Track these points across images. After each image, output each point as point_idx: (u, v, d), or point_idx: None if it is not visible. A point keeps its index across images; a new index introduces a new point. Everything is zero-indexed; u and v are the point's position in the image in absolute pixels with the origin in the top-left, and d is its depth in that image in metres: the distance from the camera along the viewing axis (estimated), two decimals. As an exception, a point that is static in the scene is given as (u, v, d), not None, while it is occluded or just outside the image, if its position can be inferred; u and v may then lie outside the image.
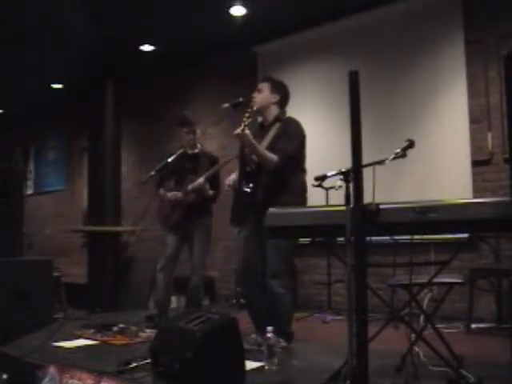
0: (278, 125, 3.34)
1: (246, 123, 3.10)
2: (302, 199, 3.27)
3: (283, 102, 3.44)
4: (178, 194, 4.13)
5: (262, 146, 3.24)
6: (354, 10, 5.38)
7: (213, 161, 4.24)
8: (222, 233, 6.44)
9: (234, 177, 3.43)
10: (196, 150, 4.27)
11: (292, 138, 3.24)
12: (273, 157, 3.15)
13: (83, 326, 3.80)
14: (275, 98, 3.40)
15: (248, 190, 3.22)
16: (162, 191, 4.27)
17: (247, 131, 3.09)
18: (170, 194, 4.18)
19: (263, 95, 3.39)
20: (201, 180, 4.01)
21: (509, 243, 4.17)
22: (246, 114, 3.17)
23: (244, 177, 3.30)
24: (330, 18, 5.57)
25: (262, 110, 3.41)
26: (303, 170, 3.35)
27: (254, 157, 3.24)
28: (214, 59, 6.74)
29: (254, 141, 3.14)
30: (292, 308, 3.31)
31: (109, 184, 6.89)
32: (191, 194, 4.08)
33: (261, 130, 3.45)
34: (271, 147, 3.22)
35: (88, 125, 7.24)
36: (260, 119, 3.50)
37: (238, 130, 3.08)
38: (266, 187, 3.20)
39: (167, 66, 7.13)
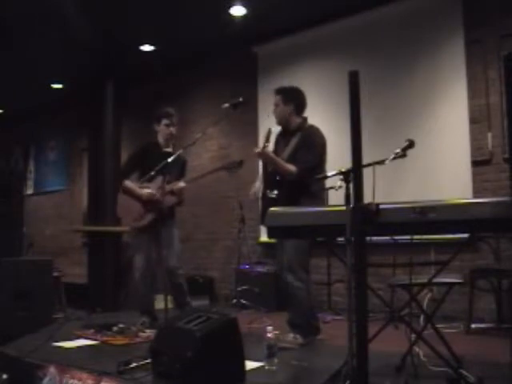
0: (299, 134, 3.45)
1: (267, 143, 3.34)
2: (319, 201, 3.40)
3: (299, 108, 3.54)
4: (151, 191, 3.87)
5: (285, 154, 3.40)
6: (353, 10, 5.38)
7: (183, 163, 4.09)
8: (222, 233, 6.46)
9: (258, 184, 3.60)
10: (169, 149, 4.06)
11: (312, 149, 3.38)
12: (292, 169, 3.30)
13: (83, 326, 3.80)
14: (290, 107, 3.50)
15: (273, 196, 3.36)
16: (129, 184, 3.98)
17: (266, 148, 3.33)
18: (144, 191, 3.89)
19: (279, 109, 3.53)
20: (182, 184, 3.81)
21: (509, 243, 4.17)
22: (265, 138, 3.38)
23: (268, 184, 3.45)
24: (330, 17, 5.57)
25: (283, 123, 3.55)
26: (323, 172, 3.38)
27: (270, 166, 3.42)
28: (214, 59, 6.74)
29: (273, 156, 3.35)
30: (307, 302, 3.34)
31: (109, 184, 6.88)
32: (170, 195, 3.83)
33: (283, 137, 3.57)
34: (292, 157, 3.36)
35: (88, 125, 7.23)
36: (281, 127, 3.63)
37: (259, 150, 3.33)
38: (288, 193, 3.31)
39: (167, 66, 7.13)
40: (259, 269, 5.51)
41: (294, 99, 3.52)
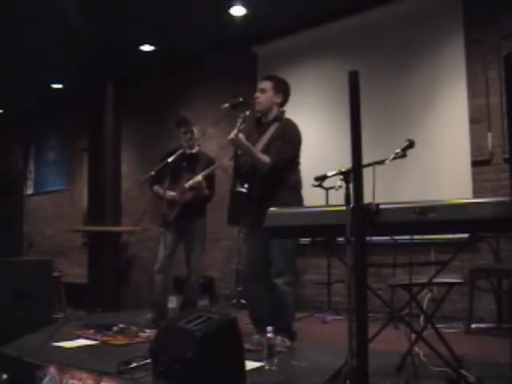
0: (276, 124, 3.33)
1: (241, 128, 3.12)
2: (297, 195, 3.30)
3: (285, 101, 3.43)
4: (174, 193, 4.11)
5: (261, 144, 3.26)
6: (353, 10, 5.38)
7: (210, 162, 4.25)
8: (222, 233, 6.45)
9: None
10: (194, 151, 4.29)
11: (289, 141, 3.25)
12: (266, 160, 3.16)
13: (83, 326, 3.80)
14: (279, 98, 3.38)
15: (243, 190, 3.25)
16: (156, 188, 4.23)
17: (240, 135, 3.12)
18: (166, 193, 4.13)
19: (267, 96, 3.36)
20: (199, 177, 4.00)
21: (509, 243, 4.17)
22: (240, 120, 3.16)
23: (238, 178, 3.33)
24: (330, 17, 5.57)
25: (265, 111, 3.39)
26: (297, 167, 3.36)
27: (249, 158, 3.25)
28: (214, 59, 6.74)
29: (247, 144, 3.16)
30: (294, 306, 3.32)
31: (109, 184, 6.89)
32: (188, 191, 4.07)
33: (258, 125, 3.44)
34: (267, 148, 3.24)
35: (88, 125, 7.24)
36: (258, 114, 3.46)
37: (232, 135, 3.11)
38: (262, 185, 3.21)
39: (167, 66, 7.13)
40: (259, 269, 5.50)
41: (284, 91, 3.40)
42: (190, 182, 4.05)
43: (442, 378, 2.37)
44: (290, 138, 3.26)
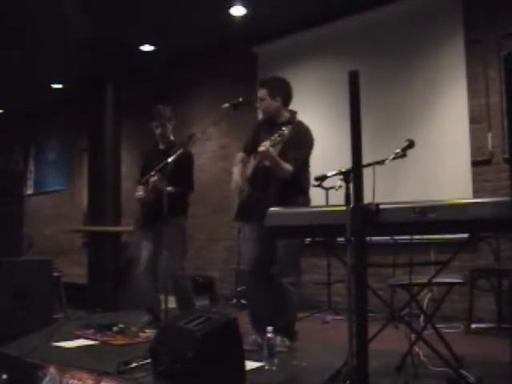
0: (289, 128, 3.26)
1: (273, 144, 3.06)
2: (306, 197, 3.33)
3: (287, 100, 3.40)
4: (140, 194, 3.98)
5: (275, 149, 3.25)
6: (353, 10, 5.39)
7: (179, 156, 3.86)
8: (222, 233, 6.46)
9: (236, 173, 3.40)
10: (165, 147, 4.08)
11: (303, 145, 3.27)
12: (289, 169, 3.16)
13: (83, 326, 3.79)
14: (278, 101, 3.35)
15: (258, 192, 3.24)
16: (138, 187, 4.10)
17: (271, 149, 3.06)
18: (136, 193, 4.04)
19: (266, 103, 3.37)
20: (154, 178, 3.75)
21: (509, 243, 4.17)
22: (276, 135, 3.07)
23: (255, 181, 3.32)
24: (330, 17, 5.57)
25: (272, 116, 3.40)
26: (308, 168, 3.38)
27: (267, 163, 3.21)
28: (214, 59, 6.74)
29: (276, 157, 3.12)
30: (297, 306, 3.33)
31: (109, 184, 6.88)
32: (151, 192, 3.86)
33: (268, 128, 3.38)
34: (282, 153, 3.21)
35: (88, 125, 7.24)
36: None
37: (264, 148, 3.03)
38: (278, 190, 3.21)
39: (167, 66, 7.13)
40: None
41: (280, 92, 3.35)
42: (151, 183, 3.81)
43: (441, 378, 2.37)
44: (302, 142, 3.27)
